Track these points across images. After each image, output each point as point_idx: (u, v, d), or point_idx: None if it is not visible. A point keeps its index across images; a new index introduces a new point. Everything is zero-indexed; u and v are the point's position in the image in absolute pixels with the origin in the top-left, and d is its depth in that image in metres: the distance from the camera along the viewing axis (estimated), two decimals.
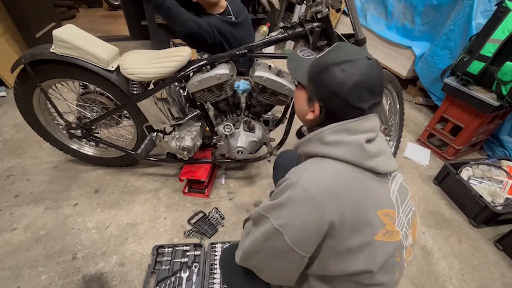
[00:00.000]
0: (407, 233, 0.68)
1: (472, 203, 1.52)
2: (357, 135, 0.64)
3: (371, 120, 0.67)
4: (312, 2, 1.12)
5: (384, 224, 0.62)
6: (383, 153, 0.66)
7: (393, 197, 0.66)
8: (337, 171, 0.63)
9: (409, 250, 0.70)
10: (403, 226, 0.66)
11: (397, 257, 0.65)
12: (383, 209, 0.63)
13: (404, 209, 0.68)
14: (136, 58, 1.24)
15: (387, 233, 0.63)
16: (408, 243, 0.68)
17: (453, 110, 1.89)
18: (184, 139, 1.44)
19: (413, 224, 0.71)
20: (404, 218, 0.67)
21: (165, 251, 1.28)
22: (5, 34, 2.50)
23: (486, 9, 1.84)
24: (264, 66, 1.28)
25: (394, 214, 0.65)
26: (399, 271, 0.68)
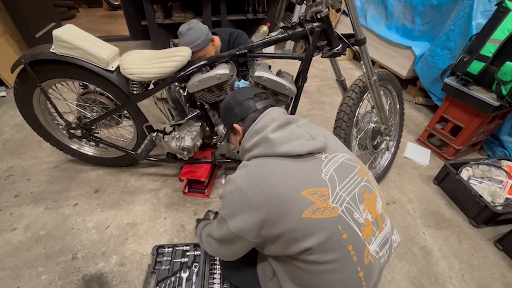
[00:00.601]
0: (353, 208, 0.70)
1: (472, 203, 1.52)
2: (263, 131, 0.78)
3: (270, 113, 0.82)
4: (312, 2, 1.12)
5: (313, 202, 0.67)
6: (297, 137, 0.75)
7: (326, 176, 0.71)
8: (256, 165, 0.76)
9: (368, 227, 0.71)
10: (344, 202, 0.70)
11: (343, 234, 0.67)
12: (310, 188, 0.68)
13: (344, 186, 0.72)
14: (136, 58, 1.24)
15: (318, 210, 0.67)
16: (362, 220, 0.70)
17: (453, 110, 1.89)
18: (184, 139, 1.44)
19: (368, 199, 0.74)
20: (347, 195, 0.71)
21: (165, 251, 1.28)
22: (5, 34, 2.50)
23: (486, 9, 1.84)
24: (264, 66, 1.28)
25: (327, 192, 0.69)
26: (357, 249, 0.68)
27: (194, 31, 1.42)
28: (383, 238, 0.75)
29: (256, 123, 0.81)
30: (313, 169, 0.72)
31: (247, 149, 0.82)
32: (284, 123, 0.78)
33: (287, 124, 0.79)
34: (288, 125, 0.78)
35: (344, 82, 1.56)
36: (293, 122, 0.80)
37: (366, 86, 1.38)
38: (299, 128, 0.78)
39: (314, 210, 0.67)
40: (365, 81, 1.36)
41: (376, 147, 1.64)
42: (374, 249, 0.72)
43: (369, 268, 0.71)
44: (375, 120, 1.55)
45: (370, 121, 1.56)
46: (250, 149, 0.81)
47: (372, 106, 1.50)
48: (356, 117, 1.44)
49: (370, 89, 1.37)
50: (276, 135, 0.75)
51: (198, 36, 1.42)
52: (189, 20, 1.47)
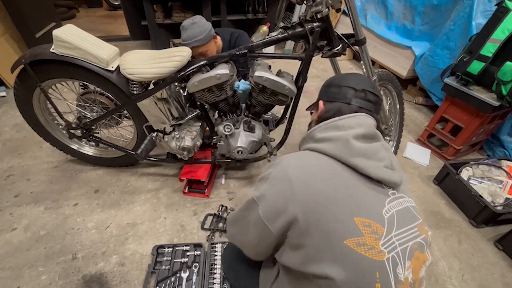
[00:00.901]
0: (399, 261, 0.60)
1: (472, 203, 1.52)
2: (345, 131, 0.67)
3: (360, 118, 0.71)
4: (312, 2, 1.12)
5: (362, 234, 0.58)
6: (378, 158, 0.65)
7: (386, 214, 0.62)
8: (319, 162, 0.66)
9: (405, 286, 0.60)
10: (393, 250, 0.59)
11: (377, 283, 0.57)
12: (365, 218, 0.59)
13: (401, 234, 0.62)
14: (136, 58, 1.24)
15: (363, 245, 0.57)
16: (403, 277, 0.59)
17: (453, 110, 1.89)
18: (184, 139, 1.44)
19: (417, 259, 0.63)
20: (399, 245, 0.61)
21: (165, 251, 1.28)
22: (5, 34, 2.50)
23: (486, 9, 1.84)
24: (264, 66, 1.28)
25: (381, 231, 0.59)
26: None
27: (198, 26, 1.43)
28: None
29: (341, 119, 0.71)
30: (377, 200, 0.63)
31: (315, 139, 0.72)
32: (370, 135, 0.68)
33: (373, 139, 0.69)
34: (373, 141, 0.68)
35: None
36: (379, 140, 0.70)
37: None
38: (383, 150, 0.68)
39: (360, 243, 0.57)
40: None
41: None
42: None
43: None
44: None
45: None
46: (319, 141, 0.71)
47: None
48: None
49: None
50: (358, 143, 0.65)
51: (201, 31, 1.43)
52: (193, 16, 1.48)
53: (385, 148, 0.70)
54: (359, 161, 0.63)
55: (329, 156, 0.66)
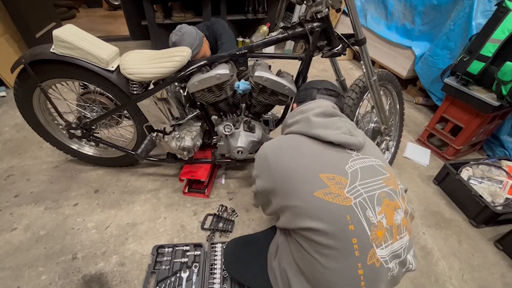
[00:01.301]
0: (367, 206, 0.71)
1: (472, 203, 1.52)
2: (307, 112, 0.85)
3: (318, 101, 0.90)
4: (312, 2, 1.12)
5: (327, 185, 0.71)
6: (336, 127, 0.79)
7: (349, 169, 0.75)
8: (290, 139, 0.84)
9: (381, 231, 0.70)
10: (359, 196, 0.71)
11: (350, 225, 0.68)
12: (329, 173, 0.73)
13: (365, 184, 0.74)
14: (136, 58, 1.24)
15: (330, 194, 0.70)
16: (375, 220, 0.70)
17: (453, 110, 1.89)
18: (184, 139, 1.44)
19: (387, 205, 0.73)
20: (364, 192, 0.72)
21: (165, 251, 1.28)
22: (5, 34, 2.50)
23: (486, 9, 1.84)
24: (264, 66, 1.28)
25: (345, 181, 0.72)
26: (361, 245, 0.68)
27: (188, 34, 1.41)
28: (395, 250, 0.73)
29: (305, 105, 0.90)
30: (340, 159, 0.76)
31: (287, 125, 0.91)
32: (329, 113, 0.83)
33: (332, 116, 0.83)
34: (332, 116, 0.83)
35: (344, 82, 1.56)
36: (338, 116, 0.84)
37: (366, 86, 1.38)
38: (341, 122, 0.81)
39: (327, 192, 0.70)
40: (365, 81, 1.36)
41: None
42: (382, 255, 0.71)
43: (373, 271, 0.69)
44: (375, 120, 1.55)
45: (370, 121, 1.56)
46: (290, 125, 0.89)
47: (372, 106, 1.50)
48: (356, 117, 1.44)
49: (370, 89, 1.37)
50: (317, 118, 0.81)
51: (193, 37, 1.42)
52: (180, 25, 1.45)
53: (344, 121, 0.83)
54: (318, 131, 0.79)
55: (298, 134, 0.84)
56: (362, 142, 0.80)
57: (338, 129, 0.79)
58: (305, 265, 0.76)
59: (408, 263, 0.76)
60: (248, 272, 1.02)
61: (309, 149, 0.78)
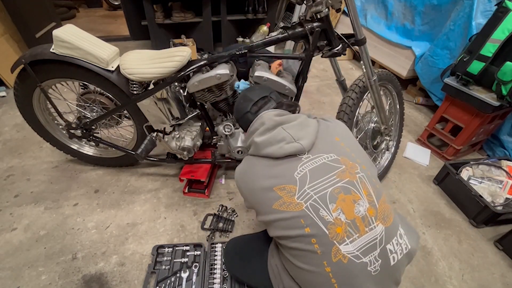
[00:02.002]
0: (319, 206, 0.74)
1: (472, 203, 1.52)
2: (252, 136, 0.90)
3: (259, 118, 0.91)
4: (312, 2, 1.12)
5: (281, 196, 0.77)
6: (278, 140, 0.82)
7: (298, 174, 0.78)
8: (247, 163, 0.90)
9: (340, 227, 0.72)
10: (310, 199, 0.75)
11: (306, 228, 0.73)
12: (280, 185, 0.78)
13: (315, 184, 0.76)
14: (136, 58, 1.24)
15: (284, 204, 0.76)
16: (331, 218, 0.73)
17: (453, 110, 1.89)
18: (184, 139, 1.44)
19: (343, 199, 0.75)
20: (315, 193, 0.75)
21: (165, 251, 1.28)
22: (5, 34, 2.50)
23: (486, 9, 1.84)
24: (264, 66, 1.28)
25: (294, 189, 0.76)
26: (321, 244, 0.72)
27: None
28: (367, 243, 0.72)
29: (251, 126, 0.93)
30: (288, 169, 0.80)
31: (246, 147, 0.98)
32: (271, 126, 0.86)
33: (274, 128, 0.86)
34: (274, 129, 0.86)
35: (344, 82, 1.56)
36: (280, 125, 0.86)
37: (366, 86, 1.38)
38: (283, 131, 0.84)
39: (281, 203, 0.76)
40: (365, 81, 1.36)
41: (376, 147, 1.64)
42: (348, 250, 0.71)
43: (341, 268, 0.71)
44: (375, 120, 1.56)
45: (370, 121, 1.56)
46: (248, 147, 0.94)
47: (372, 106, 1.50)
48: (356, 117, 1.44)
49: (370, 89, 1.37)
50: (260, 139, 0.85)
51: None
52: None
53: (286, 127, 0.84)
54: (266, 151, 0.83)
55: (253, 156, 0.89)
56: (309, 143, 0.81)
57: (281, 141, 0.81)
58: (287, 265, 0.85)
59: (389, 253, 0.74)
60: (248, 269, 1.04)
61: (262, 168, 0.84)
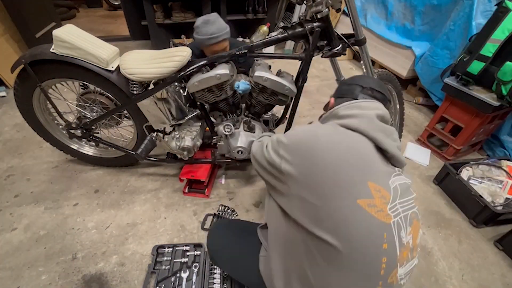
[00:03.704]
0: (402, 226, 0.66)
1: (472, 203, 1.52)
2: (369, 110, 0.76)
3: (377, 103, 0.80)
4: (312, 2, 1.12)
5: (373, 197, 0.63)
6: (392, 137, 0.74)
7: (392, 184, 0.68)
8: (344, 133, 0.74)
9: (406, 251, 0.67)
10: (398, 216, 0.66)
11: (384, 243, 0.62)
12: (377, 184, 0.65)
13: (403, 202, 0.69)
14: (136, 58, 1.24)
15: (374, 207, 0.63)
16: (405, 241, 0.67)
17: (453, 110, 1.89)
18: (184, 139, 1.43)
19: (414, 225, 0.70)
20: (402, 211, 0.68)
21: (165, 251, 1.28)
22: (5, 34, 2.50)
23: (486, 9, 1.84)
24: (264, 66, 1.28)
25: (388, 197, 0.66)
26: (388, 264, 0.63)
27: (220, 19, 1.43)
28: (411, 267, 0.71)
29: (363, 101, 0.80)
30: (386, 171, 0.71)
31: (339, 116, 0.79)
32: (387, 119, 0.78)
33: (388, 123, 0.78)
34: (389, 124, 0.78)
35: None
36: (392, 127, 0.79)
37: None
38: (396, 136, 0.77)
39: (371, 204, 0.63)
40: None
41: None
42: (400, 273, 0.68)
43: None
44: None
45: None
46: (344, 117, 0.77)
47: None
48: None
49: None
50: (379, 122, 0.74)
51: (225, 24, 1.43)
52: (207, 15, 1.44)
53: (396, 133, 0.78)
54: (380, 135, 0.72)
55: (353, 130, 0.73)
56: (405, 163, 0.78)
57: (395, 141, 0.75)
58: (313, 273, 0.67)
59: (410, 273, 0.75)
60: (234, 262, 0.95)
61: (366, 151, 0.70)
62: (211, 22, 1.38)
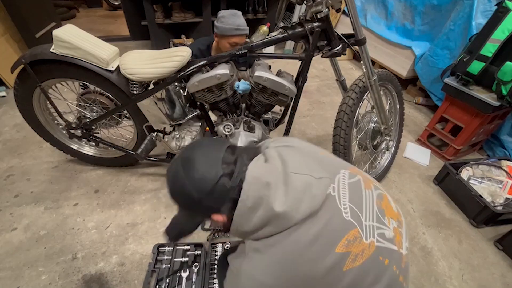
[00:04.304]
0: (382, 229, 0.64)
1: (472, 203, 1.52)
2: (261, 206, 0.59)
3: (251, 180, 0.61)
4: (312, 2, 1.12)
5: (349, 251, 0.58)
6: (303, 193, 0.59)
7: (347, 214, 0.61)
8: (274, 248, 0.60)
9: (397, 233, 0.67)
10: (374, 231, 0.62)
11: (385, 260, 0.61)
12: (341, 240, 0.58)
13: (365, 211, 0.64)
14: (136, 58, 1.24)
15: (357, 256, 0.59)
16: (391, 231, 0.65)
17: (453, 110, 1.89)
18: (184, 139, 1.44)
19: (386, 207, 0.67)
20: (373, 221, 0.63)
21: (166, 250, 1.28)
22: (5, 34, 2.49)
23: (486, 9, 1.84)
24: (264, 66, 1.28)
25: (357, 232, 0.60)
26: (397, 264, 0.64)
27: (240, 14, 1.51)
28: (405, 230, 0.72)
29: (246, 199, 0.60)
30: (334, 215, 0.60)
31: (249, 232, 0.62)
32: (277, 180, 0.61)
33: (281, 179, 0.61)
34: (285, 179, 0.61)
35: (344, 82, 1.56)
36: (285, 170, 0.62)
37: (366, 86, 1.38)
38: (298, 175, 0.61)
39: (353, 259, 0.58)
40: (365, 81, 1.36)
41: (376, 147, 1.64)
42: (405, 248, 0.68)
43: (406, 269, 0.67)
44: (375, 120, 1.55)
45: (370, 121, 1.56)
46: (255, 230, 0.61)
47: (372, 106, 1.50)
48: (356, 117, 1.44)
49: (370, 89, 1.37)
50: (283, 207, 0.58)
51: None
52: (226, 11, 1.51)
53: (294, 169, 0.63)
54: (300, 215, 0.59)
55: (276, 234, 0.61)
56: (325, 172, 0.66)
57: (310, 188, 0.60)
58: None
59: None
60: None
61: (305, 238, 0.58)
62: (238, 15, 1.47)
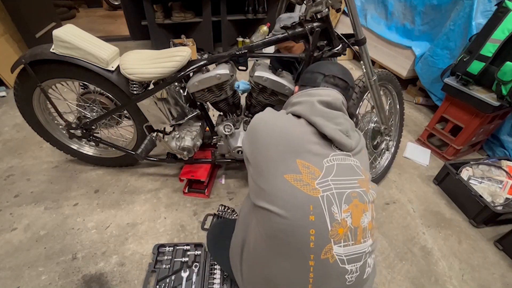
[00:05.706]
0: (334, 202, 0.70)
1: (472, 203, 1.52)
2: (313, 97, 0.81)
3: (330, 90, 0.84)
4: (312, 2, 1.12)
5: (300, 172, 0.71)
6: (336, 123, 0.77)
7: (327, 163, 0.73)
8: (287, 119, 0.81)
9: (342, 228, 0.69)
10: (328, 191, 0.70)
11: (311, 216, 0.67)
12: (306, 162, 0.72)
13: (338, 180, 0.72)
14: (136, 58, 1.24)
15: (300, 181, 0.69)
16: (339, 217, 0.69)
17: (453, 110, 1.89)
18: (184, 139, 1.44)
19: (356, 205, 0.72)
20: (335, 188, 0.71)
21: (166, 250, 1.28)
22: (5, 34, 2.50)
23: (486, 9, 1.84)
24: (264, 66, 1.28)
25: (318, 173, 0.71)
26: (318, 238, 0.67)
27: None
28: (355, 253, 0.71)
29: (314, 89, 0.85)
30: (321, 151, 0.74)
31: (291, 103, 0.87)
32: (334, 105, 0.79)
33: (337, 109, 0.80)
34: (336, 110, 0.79)
35: None
36: (343, 111, 0.81)
37: (366, 86, 1.38)
38: (344, 119, 0.79)
39: (297, 179, 0.70)
40: (365, 81, 1.36)
41: (376, 147, 1.64)
42: (339, 253, 0.69)
43: (324, 266, 0.68)
44: (375, 120, 1.55)
45: (370, 121, 1.56)
46: (293, 104, 0.85)
47: (372, 106, 1.50)
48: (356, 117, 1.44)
49: (370, 89, 1.37)
50: (321, 106, 0.78)
51: None
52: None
53: (346, 119, 0.81)
54: (318, 119, 0.76)
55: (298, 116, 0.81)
56: (354, 147, 0.78)
57: (338, 125, 0.77)
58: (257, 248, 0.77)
59: (367, 267, 0.74)
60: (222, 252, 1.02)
61: (298, 134, 0.76)
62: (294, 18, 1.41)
